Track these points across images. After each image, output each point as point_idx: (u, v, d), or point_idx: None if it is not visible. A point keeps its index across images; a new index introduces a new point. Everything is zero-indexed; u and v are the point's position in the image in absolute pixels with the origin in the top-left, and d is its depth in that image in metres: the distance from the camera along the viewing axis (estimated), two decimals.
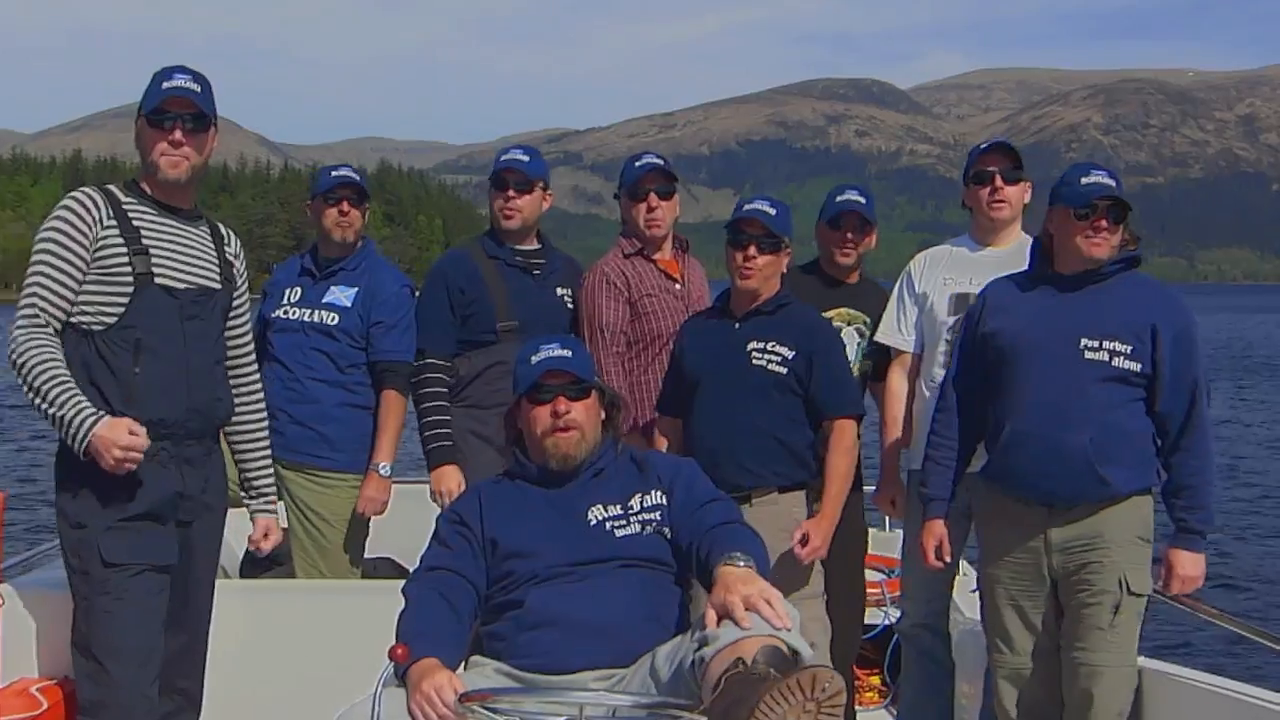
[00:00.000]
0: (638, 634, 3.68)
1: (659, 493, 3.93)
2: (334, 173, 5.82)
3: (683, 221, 5.72)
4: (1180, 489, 4.47)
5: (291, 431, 5.55)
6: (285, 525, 5.69)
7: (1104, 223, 4.40)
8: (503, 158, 5.64)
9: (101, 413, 4.01)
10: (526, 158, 5.62)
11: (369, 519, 5.71)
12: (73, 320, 4.14)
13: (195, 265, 4.33)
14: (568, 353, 4.01)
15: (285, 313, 5.68)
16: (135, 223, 4.20)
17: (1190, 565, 4.48)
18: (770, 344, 4.89)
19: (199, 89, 4.26)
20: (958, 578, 5.49)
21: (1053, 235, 4.53)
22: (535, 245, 5.70)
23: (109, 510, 4.12)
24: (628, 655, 3.63)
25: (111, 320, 4.15)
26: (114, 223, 4.16)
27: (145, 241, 4.20)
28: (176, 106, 4.22)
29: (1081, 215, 4.41)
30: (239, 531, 6.32)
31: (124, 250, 4.16)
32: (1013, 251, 5.16)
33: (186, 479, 4.28)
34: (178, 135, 4.21)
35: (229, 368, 4.58)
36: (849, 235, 5.48)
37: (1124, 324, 4.40)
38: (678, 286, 5.59)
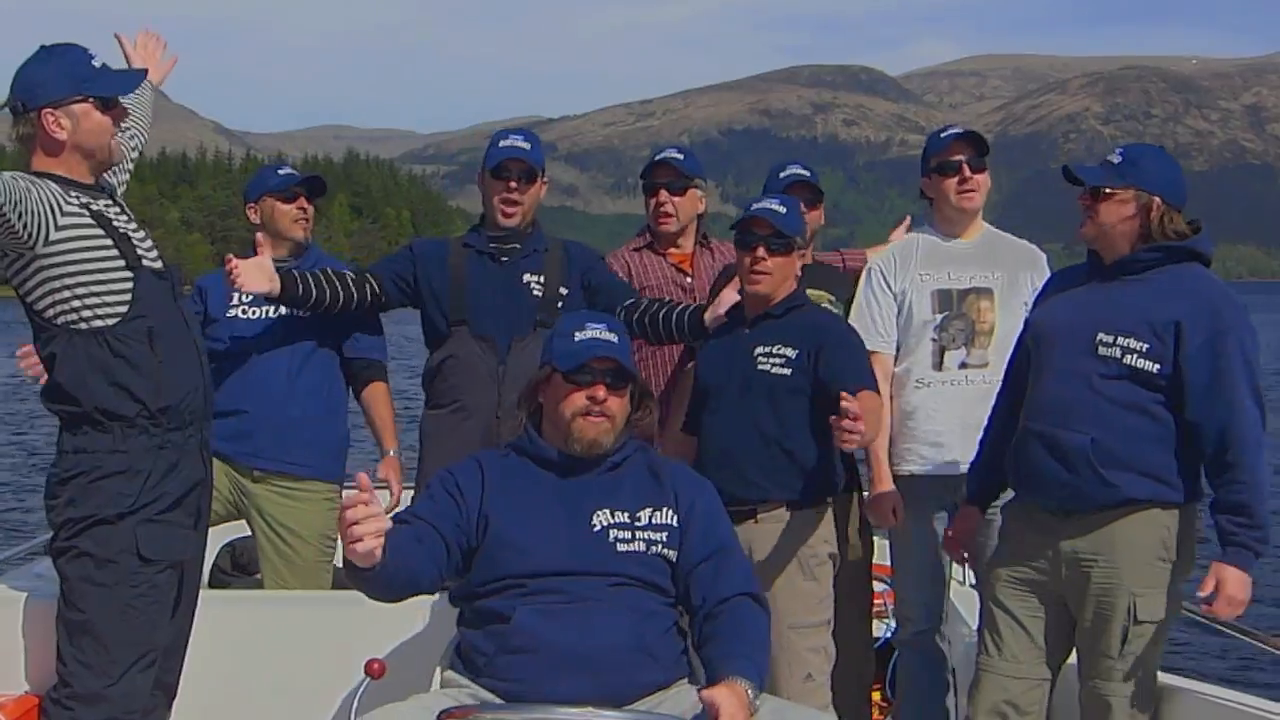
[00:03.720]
0: (626, 667, 3.70)
1: (671, 512, 3.91)
2: (280, 171, 5.80)
3: None
4: (1227, 505, 4.25)
5: (259, 437, 5.54)
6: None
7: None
8: (502, 143, 5.44)
9: None
10: (528, 144, 5.42)
11: (334, 530, 5.66)
12: (70, 322, 4.14)
13: (145, 241, 4.37)
14: (613, 337, 3.96)
15: (243, 313, 5.61)
16: (91, 207, 4.21)
17: (1236, 586, 4.20)
18: (775, 347, 4.80)
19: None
20: (952, 583, 5.55)
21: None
22: (518, 229, 5.48)
23: (146, 501, 4.18)
24: (614, 689, 3.64)
25: (122, 311, 4.17)
26: (84, 213, 4.17)
27: (115, 224, 4.24)
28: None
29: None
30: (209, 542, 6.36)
31: (108, 240, 4.18)
32: (982, 242, 5.35)
33: (207, 466, 4.44)
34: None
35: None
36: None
37: (1143, 319, 4.30)
38: (688, 280, 5.64)
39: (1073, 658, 4.57)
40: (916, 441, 5.26)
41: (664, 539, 3.87)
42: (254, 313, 5.59)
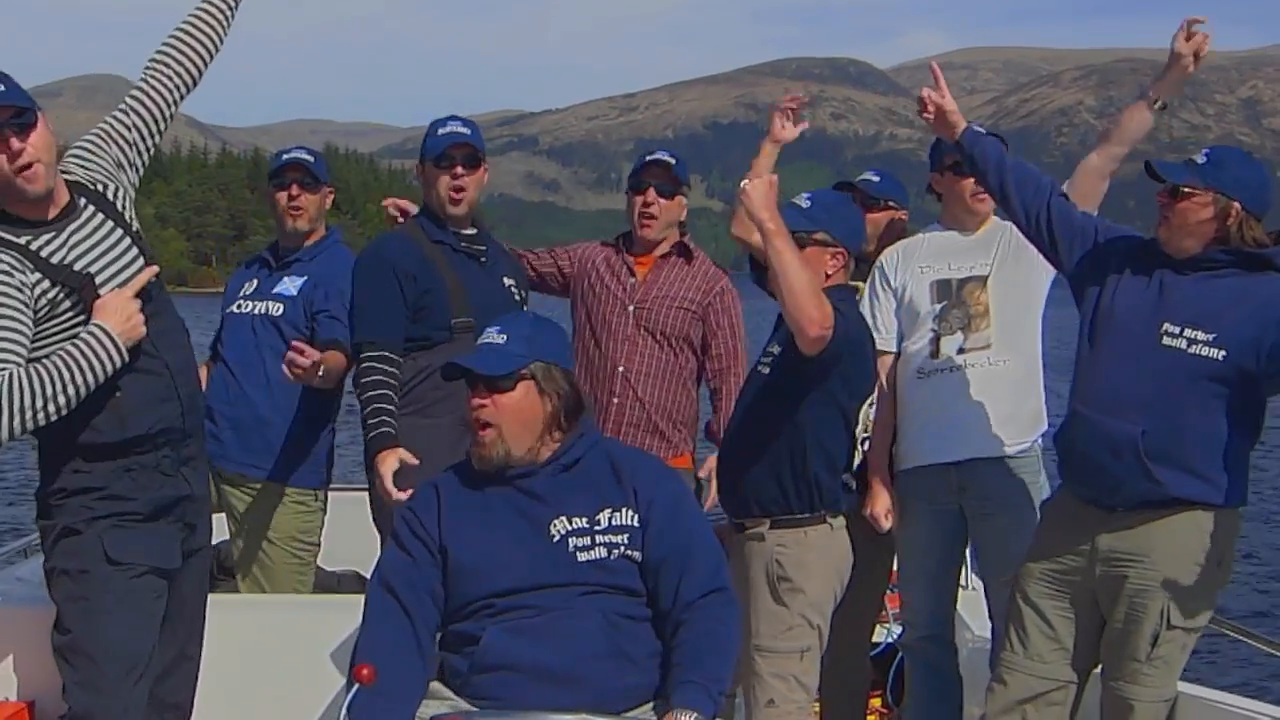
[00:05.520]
0: (604, 675, 3.68)
1: (631, 511, 3.82)
2: (285, 155, 5.68)
3: None
4: None
5: (229, 438, 5.50)
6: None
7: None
8: (441, 130, 5.26)
9: None
10: (468, 130, 5.28)
11: (317, 533, 5.66)
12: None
13: (116, 258, 4.11)
14: (500, 339, 3.86)
15: (238, 306, 5.62)
16: (52, 258, 3.97)
17: None
18: (771, 344, 4.71)
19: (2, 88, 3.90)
20: (960, 587, 5.50)
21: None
22: (473, 229, 5.37)
23: (111, 511, 4.11)
24: (595, 698, 3.64)
25: None
26: (39, 274, 3.93)
27: (77, 267, 4.00)
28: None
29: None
30: None
31: (64, 293, 3.96)
32: (988, 235, 5.30)
33: (191, 481, 4.31)
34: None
35: (168, 70, 4.37)
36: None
37: (1214, 308, 4.24)
38: (631, 280, 5.59)
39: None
40: (916, 434, 5.23)
41: (625, 540, 3.79)
42: (245, 306, 5.59)
